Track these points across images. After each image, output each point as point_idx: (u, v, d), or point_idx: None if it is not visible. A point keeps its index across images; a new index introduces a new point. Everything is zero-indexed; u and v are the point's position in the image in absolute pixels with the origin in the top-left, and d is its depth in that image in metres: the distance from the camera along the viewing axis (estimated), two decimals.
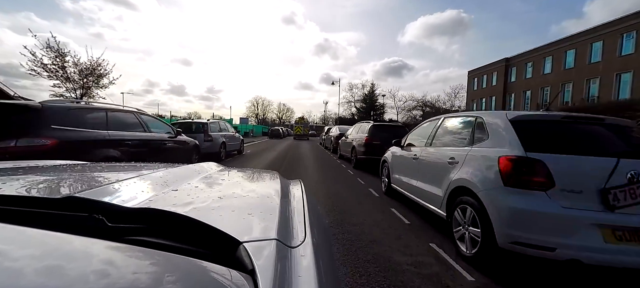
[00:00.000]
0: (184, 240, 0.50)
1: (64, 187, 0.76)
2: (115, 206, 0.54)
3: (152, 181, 0.80)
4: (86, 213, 0.51)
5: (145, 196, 0.64)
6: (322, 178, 6.59)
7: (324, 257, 0.58)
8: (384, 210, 4.04)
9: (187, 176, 0.93)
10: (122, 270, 0.36)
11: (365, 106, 43.62)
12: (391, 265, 2.41)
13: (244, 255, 0.44)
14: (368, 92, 44.37)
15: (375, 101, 43.32)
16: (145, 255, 0.41)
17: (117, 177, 0.85)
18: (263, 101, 73.90)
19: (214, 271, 0.39)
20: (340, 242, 2.84)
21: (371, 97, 43.49)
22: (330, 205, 4.24)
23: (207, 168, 1.16)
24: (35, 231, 0.41)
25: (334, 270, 0.77)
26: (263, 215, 0.64)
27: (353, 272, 2.26)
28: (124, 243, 0.44)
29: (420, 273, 2.28)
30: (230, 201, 0.74)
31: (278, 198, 0.79)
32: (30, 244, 0.40)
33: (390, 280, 2.17)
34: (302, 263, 0.48)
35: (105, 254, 0.39)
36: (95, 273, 0.33)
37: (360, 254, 2.58)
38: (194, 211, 0.59)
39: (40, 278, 0.32)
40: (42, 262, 0.36)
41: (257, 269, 0.41)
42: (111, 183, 0.70)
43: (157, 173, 0.90)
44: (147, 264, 0.39)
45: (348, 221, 3.47)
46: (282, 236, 0.53)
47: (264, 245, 0.48)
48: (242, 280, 0.38)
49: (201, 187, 0.84)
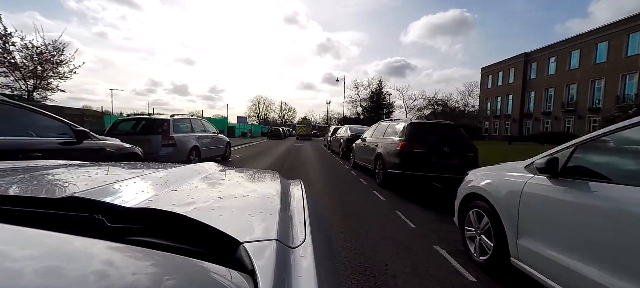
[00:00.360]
0: (184, 240, 0.50)
1: (64, 187, 0.73)
2: (115, 207, 0.55)
3: (152, 181, 0.81)
4: (86, 213, 0.52)
5: (145, 196, 0.64)
6: (339, 206, 3.96)
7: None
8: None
9: (187, 176, 0.93)
10: (122, 271, 0.35)
11: (372, 104, 40.59)
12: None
13: (244, 255, 0.44)
14: (375, 90, 41.25)
15: (383, 99, 40.35)
16: (145, 255, 0.40)
17: (117, 177, 0.84)
18: (264, 101, 71.95)
19: (214, 271, 0.39)
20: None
21: (379, 95, 40.44)
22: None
23: (207, 168, 1.17)
24: (35, 231, 0.41)
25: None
26: (263, 215, 0.64)
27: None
28: (124, 243, 0.43)
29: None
30: (230, 202, 0.74)
31: (278, 198, 0.79)
32: (30, 244, 0.39)
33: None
34: (302, 264, 0.47)
35: (105, 254, 0.39)
36: (95, 273, 0.33)
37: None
38: (194, 212, 0.59)
39: (40, 278, 0.31)
40: (42, 262, 0.35)
41: (257, 269, 0.40)
42: (111, 183, 0.71)
43: (157, 173, 0.90)
44: (147, 264, 0.39)
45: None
46: (282, 236, 0.53)
47: (264, 245, 0.48)
48: (242, 280, 0.38)
49: (201, 187, 0.84)
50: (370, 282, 2.09)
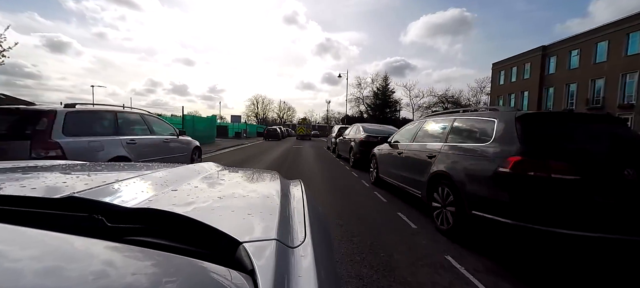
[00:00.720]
0: (183, 240, 0.49)
1: (64, 187, 0.69)
2: (115, 206, 0.54)
3: (152, 181, 0.80)
4: (86, 213, 0.51)
5: (145, 196, 0.63)
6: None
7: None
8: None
9: (187, 176, 0.93)
10: (122, 271, 0.35)
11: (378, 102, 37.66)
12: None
13: (243, 255, 0.43)
14: (380, 87, 38.36)
15: (389, 96, 37.50)
16: (145, 256, 0.40)
17: (117, 177, 0.82)
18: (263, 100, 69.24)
19: (213, 271, 0.38)
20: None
21: (384, 92, 37.54)
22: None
23: (207, 168, 1.15)
24: (35, 231, 0.41)
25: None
26: (263, 215, 0.63)
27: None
28: (124, 243, 0.43)
29: None
30: (230, 201, 0.74)
31: (278, 198, 0.78)
32: (30, 244, 0.39)
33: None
34: (302, 264, 0.47)
35: (105, 254, 0.38)
36: (94, 273, 0.33)
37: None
38: (193, 212, 0.58)
39: (39, 278, 0.30)
40: (41, 263, 0.34)
41: (257, 269, 0.40)
42: (111, 183, 0.70)
43: (157, 173, 0.89)
44: (147, 264, 0.38)
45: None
46: (282, 236, 0.52)
47: (264, 245, 0.47)
48: (242, 280, 0.38)
49: (201, 187, 0.84)
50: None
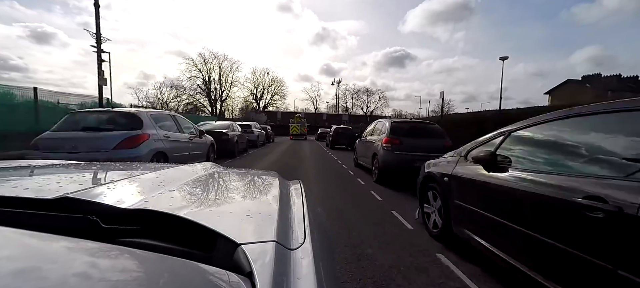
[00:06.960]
0: (180, 241, 0.48)
1: (58, 187, 0.67)
2: (110, 207, 0.53)
3: (149, 182, 0.78)
4: (80, 214, 0.50)
5: (141, 197, 0.61)
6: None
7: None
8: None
9: (185, 177, 0.91)
10: (117, 273, 0.34)
11: None
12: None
13: (242, 257, 0.43)
14: None
15: None
16: (141, 257, 0.39)
17: (112, 177, 0.82)
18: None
19: (211, 273, 0.38)
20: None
21: None
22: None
23: (205, 168, 1.13)
24: (28, 232, 0.40)
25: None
26: (262, 217, 0.62)
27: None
28: (119, 245, 0.42)
29: None
30: (228, 202, 0.74)
31: (277, 199, 0.76)
32: (22, 246, 0.38)
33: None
34: (302, 266, 0.46)
35: (100, 256, 0.37)
36: (89, 276, 0.32)
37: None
38: (191, 213, 0.57)
39: (31, 281, 0.29)
40: (34, 265, 0.33)
41: (255, 272, 0.39)
42: (106, 184, 0.69)
43: (154, 173, 0.87)
44: (143, 267, 0.38)
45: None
46: (281, 238, 0.51)
47: (262, 247, 0.46)
48: (240, 282, 0.37)
49: (199, 188, 0.83)
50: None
